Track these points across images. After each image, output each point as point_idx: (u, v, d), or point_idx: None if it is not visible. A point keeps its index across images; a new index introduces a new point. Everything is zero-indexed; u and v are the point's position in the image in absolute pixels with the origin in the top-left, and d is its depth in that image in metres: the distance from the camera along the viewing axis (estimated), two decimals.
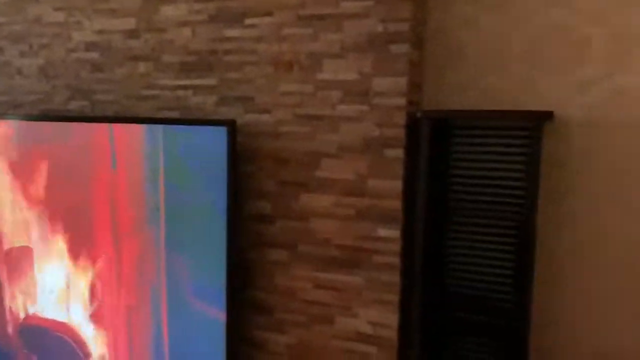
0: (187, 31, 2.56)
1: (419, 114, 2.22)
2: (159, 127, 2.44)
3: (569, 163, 2.21)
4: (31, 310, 2.91)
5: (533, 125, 2.08)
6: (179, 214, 2.45)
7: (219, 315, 2.41)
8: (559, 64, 2.20)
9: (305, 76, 2.34)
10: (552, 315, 2.27)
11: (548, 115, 2.06)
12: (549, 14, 2.20)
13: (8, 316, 2.98)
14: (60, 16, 2.87)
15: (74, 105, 2.87)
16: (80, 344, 2.79)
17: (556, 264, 2.25)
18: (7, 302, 2.98)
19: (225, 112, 2.51)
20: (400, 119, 2.21)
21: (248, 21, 2.43)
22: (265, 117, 2.43)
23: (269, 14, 2.39)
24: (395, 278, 2.25)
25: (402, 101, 2.20)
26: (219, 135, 2.32)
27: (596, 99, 2.15)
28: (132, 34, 2.69)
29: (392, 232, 2.25)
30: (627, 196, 2.13)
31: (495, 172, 2.19)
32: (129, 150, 2.52)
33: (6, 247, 2.94)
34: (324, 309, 2.39)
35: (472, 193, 2.23)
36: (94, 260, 2.68)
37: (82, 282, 2.73)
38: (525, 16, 2.24)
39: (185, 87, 2.59)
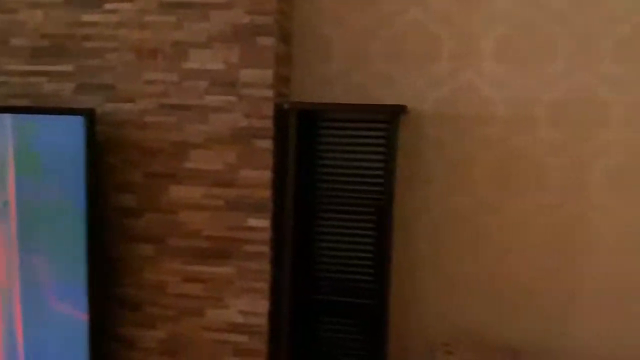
0: (39, 13, 2.37)
1: (286, 106, 2.28)
2: (8, 117, 2.24)
3: (423, 153, 2.40)
4: None
5: (389, 119, 2.23)
6: (34, 210, 2.27)
7: (81, 315, 2.28)
8: (415, 61, 2.38)
9: (170, 65, 2.29)
10: (411, 293, 2.45)
11: (402, 109, 2.22)
12: (408, 13, 2.36)
13: None
14: None
15: None
16: None
17: (413, 247, 2.44)
18: None
19: (85, 101, 2.37)
20: (268, 110, 2.24)
21: (108, 6, 2.31)
22: (128, 106, 2.33)
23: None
24: (265, 266, 2.29)
25: (269, 93, 2.24)
26: (76, 125, 2.19)
27: (445, 94, 2.36)
28: None
29: (262, 222, 2.29)
30: (474, 181, 2.36)
31: (358, 162, 2.31)
32: None
33: None
34: (194, 301, 2.37)
35: (338, 182, 2.34)
36: None
37: None
38: (387, 15, 2.38)
39: (37, 74, 2.40)
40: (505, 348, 2.32)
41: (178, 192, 2.33)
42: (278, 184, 2.32)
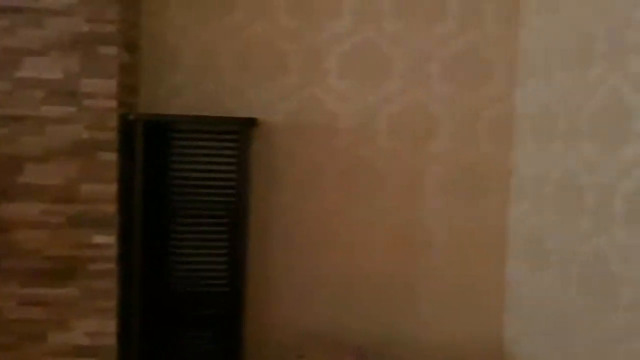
0: None
1: (131, 117, 2.22)
2: None
3: (275, 162, 2.47)
4: None
5: (241, 130, 2.27)
6: None
7: None
8: (264, 74, 2.45)
9: (1, 73, 2.12)
10: (266, 300, 2.51)
11: (253, 122, 2.27)
12: (255, 28, 2.43)
13: None
14: None
15: None
16: None
17: (268, 254, 2.50)
18: None
19: None
20: (112, 121, 2.17)
21: None
22: None
23: None
24: (112, 284, 2.20)
25: (113, 103, 2.17)
26: None
27: (294, 106, 2.46)
28: None
29: (108, 238, 2.20)
30: (323, 188, 2.49)
31: (211, 173, 2.32)
32: None
33: None
34: (34, 326, 2.20)
35: (190, 193, 2.32)
36: None
37: None
38: (235, 28, 2.42)
39: None
40: (353, 346, 2.47)
41: (12, 209, 2.16)
42: (125, 198, 2.25)
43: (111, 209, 2.18)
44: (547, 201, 2.21)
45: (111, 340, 2.21)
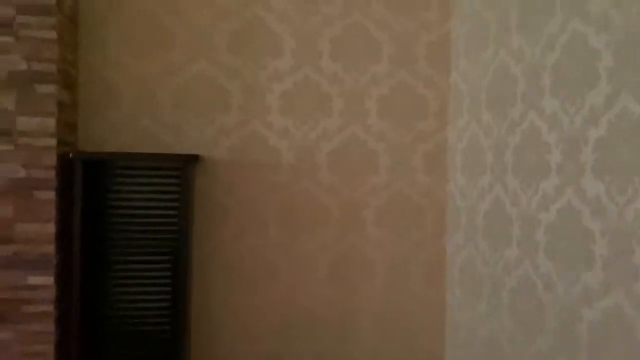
0: None
1: (70, 155, 2.19)
2: None
3: (218, 197, 2.50)
4: None
5: (183, 167, 2.29)
6: None
7: None
8: (204, 110, 2.49)
9: None
10: (208, 334, 2.49)
11: (195, 158, 2.30)
12: (194, 66, 2.47)
13: None
14: None
15: None
16: None
17: (210, 290, 2.50)
18: None
19: None
20: (50, 159, 2.14)
21: None
22: None
23: None
24: (49, 327, 2.14)
25: (51, 142, 2.14)
26: None
27: (236, 142, 2.51)
28: None
29: (45, 279, 2.14)
30: (265, 222, 2.53)
31: (153, 210, 2.31)
32: None
33: None
34: None
35: (132, 231, 2.30)
36: None
37: None
38: (173, 66, 2.46)
39: None
40: None
41: None
42: (63, 238, 2.21)
43: (49, 249, 2.13)
44: (479, 231, 2.35)
45: None
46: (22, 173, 2.12)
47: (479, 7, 2.38)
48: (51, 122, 2.14)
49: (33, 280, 2.13)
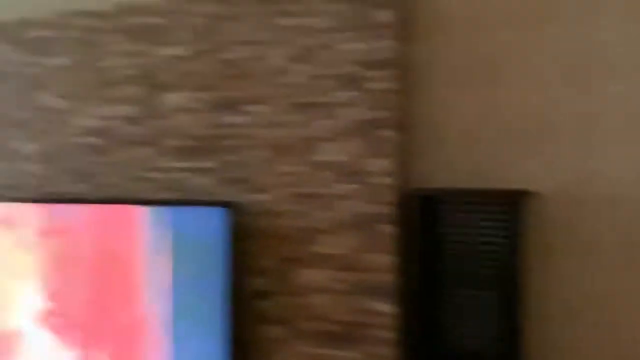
0: (186, 116, 2.75)
1: (408, 192, 2.38)
2: (162, 209, 2.57)
3: (549, 235, 2.35)
4: None
5: (512, 201, 2.25)
6: (182, 294, 2.52)
7: None
8: (533, 144, 2.40)
9: (300, 159, 2.51)
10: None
11: (524, 193, 2.23)
12: (521, 99, 2.42)
13: None
14: (62, 103, 3.04)
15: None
16: None
17: (546, 326, 2.34)
18: None
19: (224, 193, 2.65)
20: (390, 196, 2.36)
21: (246, 108, 2.63)
22: (263, 197, 2.57)
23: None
24: (389, 350, 2.31)
25: (389, 180, 2.37)
26: (218, 215, 2.45)
27: (569, 177, 2.33)
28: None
29: (385, 306, 2.34)
30: (606, 262, 2.26)
31: (483, 247, 2.32)
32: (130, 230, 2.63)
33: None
34: None
35: (462, 263, 2.35)
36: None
37: None
38: (499, 101, 2.45)
39: (184, 170, 2.74)
40: None
41: (306, 275, 2.47)
42: (401, 267, 2.38)
43: (389, 277, 2.33)
44: None
45: None
46: (365, 209, 2.40)
47: None
48: (390, 163, 2.37)
49: (374, 306, 2.36)
